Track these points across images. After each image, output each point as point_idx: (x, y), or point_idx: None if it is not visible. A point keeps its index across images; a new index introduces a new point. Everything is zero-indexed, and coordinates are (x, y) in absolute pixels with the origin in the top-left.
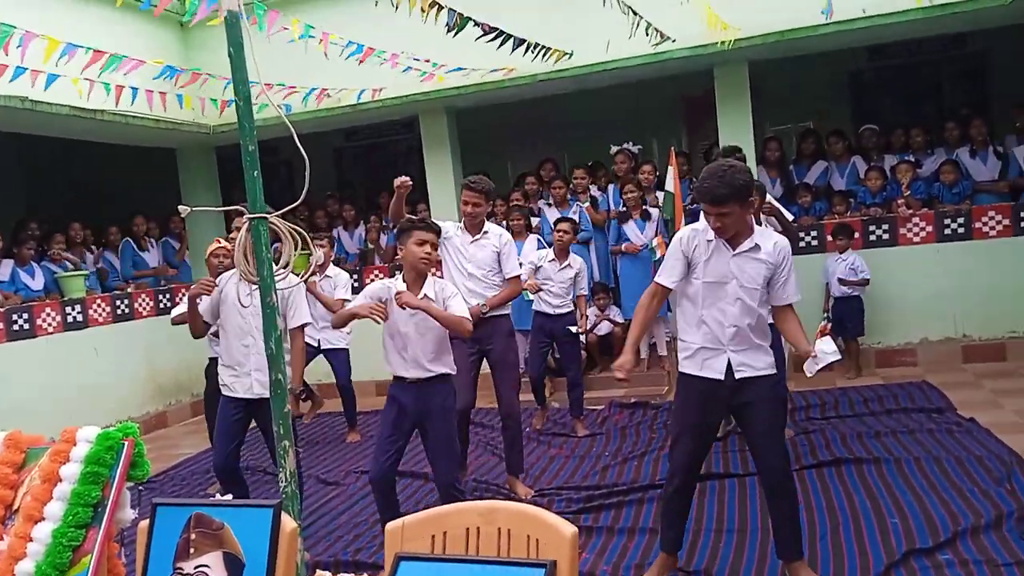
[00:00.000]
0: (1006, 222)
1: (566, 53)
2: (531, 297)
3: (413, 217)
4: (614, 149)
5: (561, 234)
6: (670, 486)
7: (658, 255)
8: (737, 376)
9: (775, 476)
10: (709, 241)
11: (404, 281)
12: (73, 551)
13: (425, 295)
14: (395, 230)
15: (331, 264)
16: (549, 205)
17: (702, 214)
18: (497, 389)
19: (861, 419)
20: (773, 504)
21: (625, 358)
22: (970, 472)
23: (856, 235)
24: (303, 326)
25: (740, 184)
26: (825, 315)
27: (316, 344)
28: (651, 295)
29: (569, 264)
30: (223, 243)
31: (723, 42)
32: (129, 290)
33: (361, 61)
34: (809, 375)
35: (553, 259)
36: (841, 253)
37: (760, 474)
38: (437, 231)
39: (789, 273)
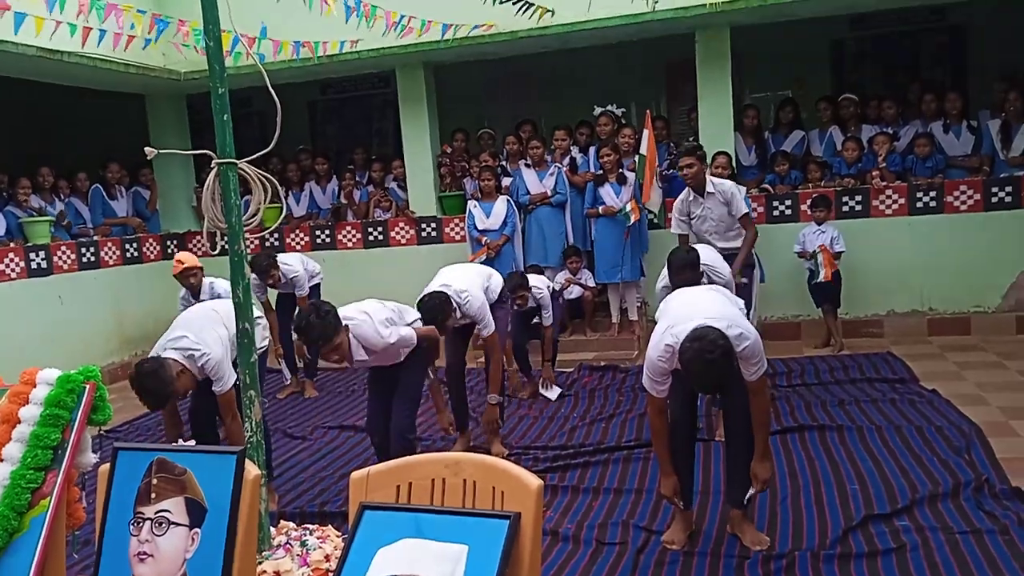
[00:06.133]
0: (977, 197)
1: (548, 10)
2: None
3: None
4: (598, 110)
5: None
6: (673, 441)
7: (631, 220)
8: None
9: (742, 415)
10: None
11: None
12: (32, 493)
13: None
14: None
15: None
16: (528, 166)
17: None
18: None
19: (826, 387)
20: (735, 446)
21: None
22: (930, 442)
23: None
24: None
25: (729, 367)
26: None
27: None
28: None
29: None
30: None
31: (711, 3)
32: (95, 237)
33: (368, 18)
34: None
35: None
36: (819, 224)
37: (726, 416)
38: None
39: None
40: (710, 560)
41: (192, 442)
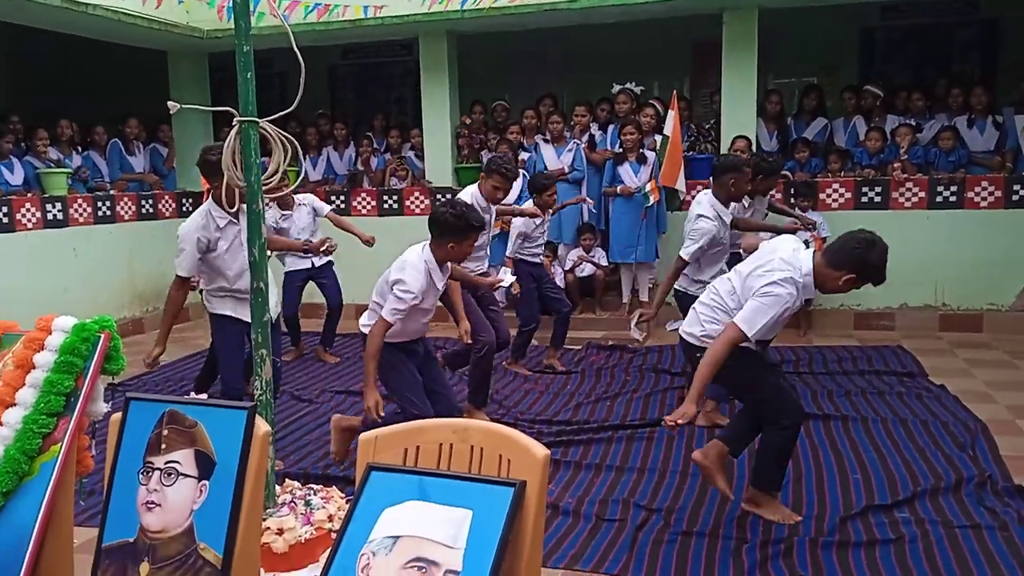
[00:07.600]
0: (998, 193)
1: None
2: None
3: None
4: (616, 88)
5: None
6: (792, 430)
7: (651, 201)
8: None
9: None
10: None
11: (436, 258)
12: (43, 438)
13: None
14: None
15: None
16: (546, 141)
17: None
18: (491, 320)
19: (833, 377)
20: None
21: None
22: (935, 436)
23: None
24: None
25: None
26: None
27: (310, 265)
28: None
29: (546, 219)
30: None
31: None
32: (111, 192)
33: None
34: None
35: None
36: (803, 213)
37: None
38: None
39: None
40: (708, 541)
41: (204, 396)
